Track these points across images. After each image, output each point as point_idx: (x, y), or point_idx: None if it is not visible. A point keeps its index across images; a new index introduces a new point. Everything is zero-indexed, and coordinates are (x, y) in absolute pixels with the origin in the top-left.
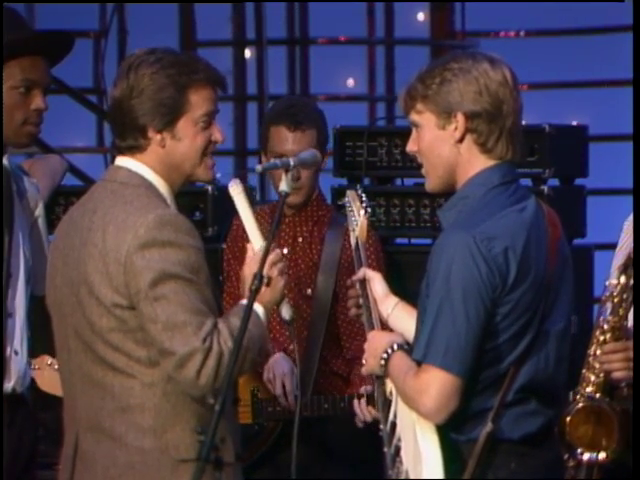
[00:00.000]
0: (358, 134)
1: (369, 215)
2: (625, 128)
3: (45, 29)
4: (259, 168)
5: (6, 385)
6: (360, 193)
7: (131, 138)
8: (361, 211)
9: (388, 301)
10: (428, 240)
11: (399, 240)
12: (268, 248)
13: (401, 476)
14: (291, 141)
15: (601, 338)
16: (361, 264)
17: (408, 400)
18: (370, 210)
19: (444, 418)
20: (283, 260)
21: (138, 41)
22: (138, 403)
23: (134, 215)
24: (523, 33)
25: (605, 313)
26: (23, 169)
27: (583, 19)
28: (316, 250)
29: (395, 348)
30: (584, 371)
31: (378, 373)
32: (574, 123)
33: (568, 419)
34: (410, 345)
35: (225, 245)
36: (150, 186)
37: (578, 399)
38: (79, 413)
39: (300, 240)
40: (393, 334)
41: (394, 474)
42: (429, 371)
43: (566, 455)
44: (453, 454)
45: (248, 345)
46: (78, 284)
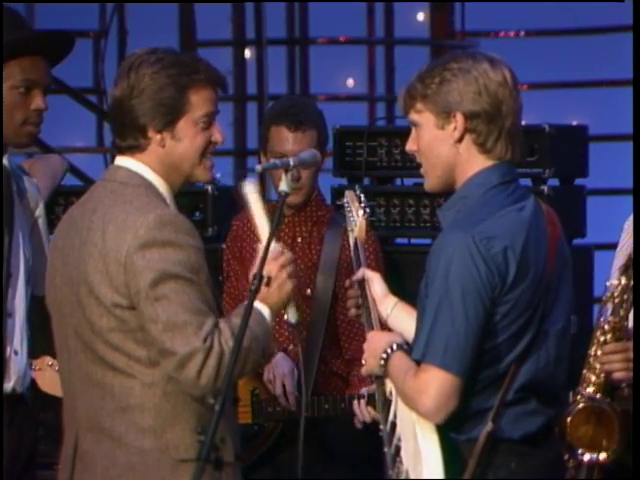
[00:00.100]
0: (358, 134)
1: (368, 215)
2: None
3: (45, 29)
4: (259, 168)
5: (6, 385)
6: (359, 193)
7: (131, 138)
8: (360, 211)
9: (387, 301)
10: (428, 240)
11: (399, 240)
12: (268, 248)
13: (401, 476)
14: (292, 141)
15: (602, 338)
16: (360, 264)
17: (408, 400)
18: (369, 210)
19: (443, 418)
20: (293, 263)
21: (138, 41)
22: (138, 403)
23: (134, 215)
24: (523, 33)
25: (606, 313)
26: (23, 169)
27: (583, 19)
28: (315, 250)
29: (394, 348)
30: (585, 371)
31: (378, 373)
32: (574, 123)
33: (569, 419)
34: (409, 345)
35: (225, 245)
36: (150, 186)
37: (579, 399)
38: (79, 413)
39: (299, 240)
40: (392, 334)
41: (394, 474)
42: (428, 371)
43: (566, 455)
44: (453, 454)
45: (250, 345)
46: (78, 284)
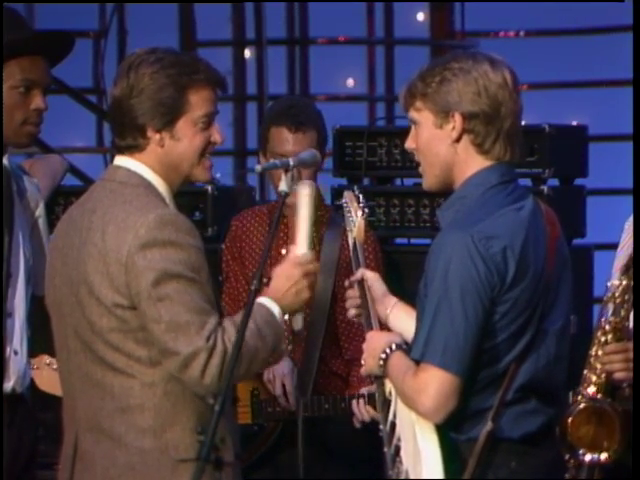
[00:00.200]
0: (358, 134)
1: (366, 215)
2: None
3: (45, 29)
4: (259, 168)
5: (6, 385)
6: (357, 194)
7: (130, 137)
8: (358, 212)
9: (387, 301)
10: (428, 240)
11: (399, 240)
12: (269, 248)
13: (401, 476)
14: (292, 142)
15: (603, 339)
16: (359, 265)
17: (407, 400)
18: (368, 211)
19: (443, 417)
20: (314, 274)
21: (138, 41)
22: (138, 403)
23: (134, 215)
24: (523, 33)
25: (607, 314)
26: (23, 169)
27: (583, 19)
28: (315, 251)
29: (394, 348)
30: (585, 372)
31: (377, 373)
32: (574, 123)
33: (570, 420)
34: (409, 345)
35: (224, 246)
36: (149, 185)
37: (580, 400)
38: (78, 413)
39: None
40: (392, 334)
41: (394, 474)
42: (427, 370)
43: (567, 456)
44: (453, 453)
45: (257, 345)
46: (78, 284)
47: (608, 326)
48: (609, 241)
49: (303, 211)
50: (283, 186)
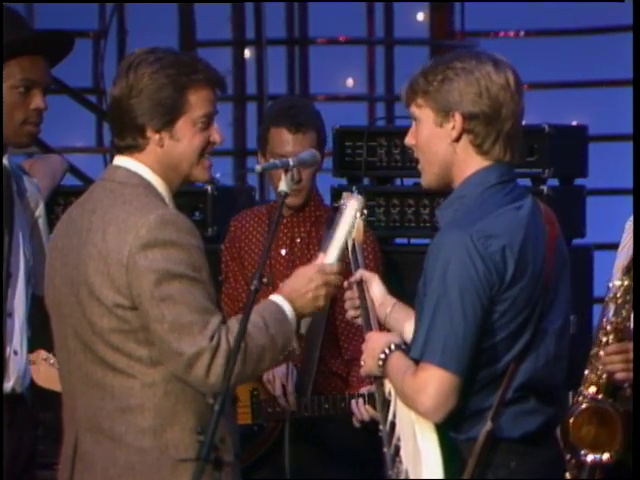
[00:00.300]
0: (358, 134)
1: (365, 216)
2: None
3: (45, 29)
4: (258, 168)
5: (5, 385)
6: (356, 195)
7: (130, 137)
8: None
9: (385, 302)
10: (427, 240)
11: (398, 240)
12: (269, 249)
13: (401, 476)
14: (292, 143)
15: (604, 339)
16: (358, 266)
17: (406, 399)
18: (366, 212)
19: (442, 417)
20: (336, 288)
21: (138, 41)
22: (138, 403)
23: (135, 215)
24: (523, 33)
25: (608, 314)
26: (23, 169)
27: (583, 19)
28: (314, 251)
29: (393, 348)
30: (587, 372)
31: (376, 373)
32: (574, 123)
33: (571, 420)
34: (408, 345)
35: (223, 246)
36: (148, 186)
37: (581, 400)
38: (78, 413)
39: (298, 241)
40: (391, 334)
41: (394, 474)
42: (427, 369)
43: (568, 455)
44: (452, 453)
45: (265, 344)
46: (78, 285)
47: (609, 326)
48: (609, 241)
49: (345, 223)
50: (283, 186)
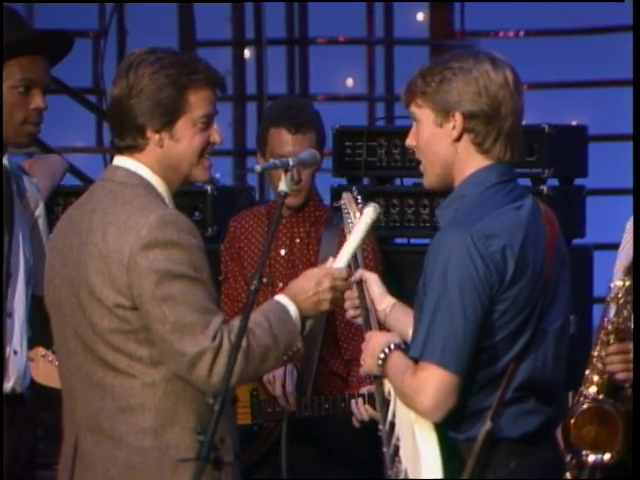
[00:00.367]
0: (357, 134)
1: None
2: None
3: (44, 29)
4: (258, 168)
5: (5, 385)
6: (356, 195)
7: (130, 138)
8: (357, 213)
9: (385, 301)
10: (427, 240)
11: (398, 240)
12: (268, 249)
13: (400, 475)
14: (292, 143)
15: (605, 339)
16: (358, 265)
17: (406, 399)
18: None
19: (442, 416)
20: (343, 294)
21: (137, 41)
22: (139, 403)
23: (135, 216)
24: (523, 33)
25: (609, 314)
26: (23, 169)
27: (583, 19)
28: (313, 251)
29: (392, 348)
30: (587, 372)
31: (376, 373)
32: (574, 123)
33: (572, 420)
34: (408, 345)
35: (222, 247)
36: (148, 186)
37: (582, 400)
38: (79, 413)
39: (297, 241)
40: (391, 334)
41: (393, 474)
42: (427, 369)
43: (569, 456)
44: (452, 453)
45: (269, 344)
46: (78, 285)
47: (610, 327)
48: (609, 241)
49: (359, 231)
50: (283, 186)
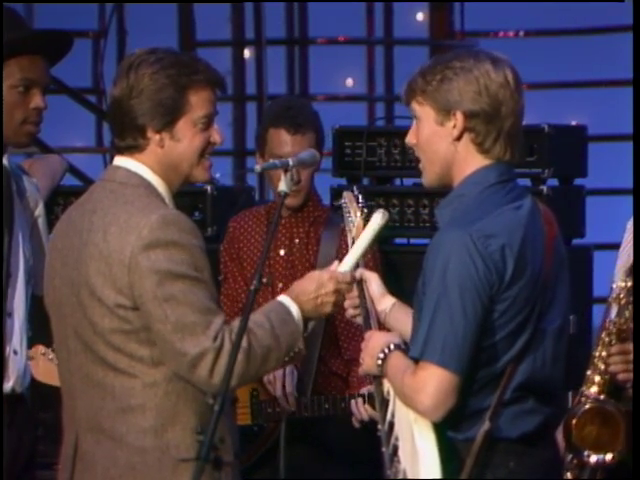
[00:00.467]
0: (357, 134)
1: (365, 216)
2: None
3: (44, 29)
4: (258, 168)
5: (5, 385)
6: (356, 194)
7: (130, 138)
8: (357, 212)
9: (385, 301)
10: (427, 240)
11: (398, 240)
12: (268, 249)
13: (399, 475)
14: (291, 144)
15: (607, 340)
16: (357, 265)
17: (406, 398)
18: (366, 211)
19: (441, 416)
20: (347, 298)
21: (137, 41)
22: (139, 403)
23: (136, 216)
24: (522, 33)
25: (611, 315)
26: (23, 168)
27: (583, 19)
28: (313, 251)
29: (392, 348)
30: (589, 372)
31: (375, 373)
32: (573, 123)
33: (574, 420)
34: (407, 345)
35: (222, 247)
36: (149, 186)
37: (584, 400)
38: (79, 413)
39: (297, 241)
40: (390, 334)
41: (392, 473)
42: (426, 368)
43: (571, 456)
44: (451, 453)
45: (271, 345)
46: (78, 285)
47: (612, 327)
48: (608, 241)
49: (366, 236)
50: (283, 186)
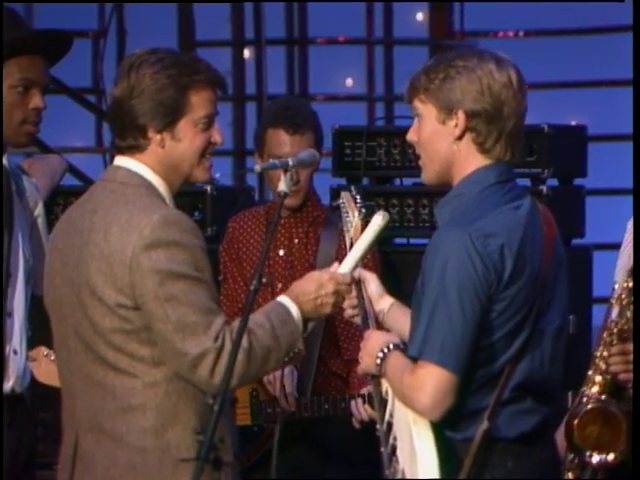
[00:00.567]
0: (357, 134)
1: (364, 216)
2: (625, 128)
3: (44, 28)
4: (258, 168)
5: (5, 385)
6: (355, 194)
7: (131, 138)
8: (355, 212)
9: (383, 301)
10: (427, 240)
11: (398, 240)
12: (267, 249)
13: (397, 475)
14: (290, 144)
15: (608, 340)
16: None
17: (404, 398)
18: (365, 211)
19: (440, 415)
20: (347, 300)
21: (137, 41)
22: (140, 403)
23: (138, 216)
24: (522, 33)
25: (612, 315)
26: (22, 168)
27: (583, 19)
28: (312, 251)
29: (391, 348)
30: (590, 372)
31: (374, 372)
32: (573, 123)
33: (576, 420)
34: (406, 345)
35: (221, 247)
36: (150, 186)
37: (586, 401)
38: (79, 413)
39: (296, 241)
40: (389, 334)
41: (390, 473)
42: (425, 368)
43: (572, 456)
44: (449, 453)
45: (271, 345)
46: (79, 285)
47: (613, 327)
48: (608, 241)
49: (367, 238)
50: (282, 186)
